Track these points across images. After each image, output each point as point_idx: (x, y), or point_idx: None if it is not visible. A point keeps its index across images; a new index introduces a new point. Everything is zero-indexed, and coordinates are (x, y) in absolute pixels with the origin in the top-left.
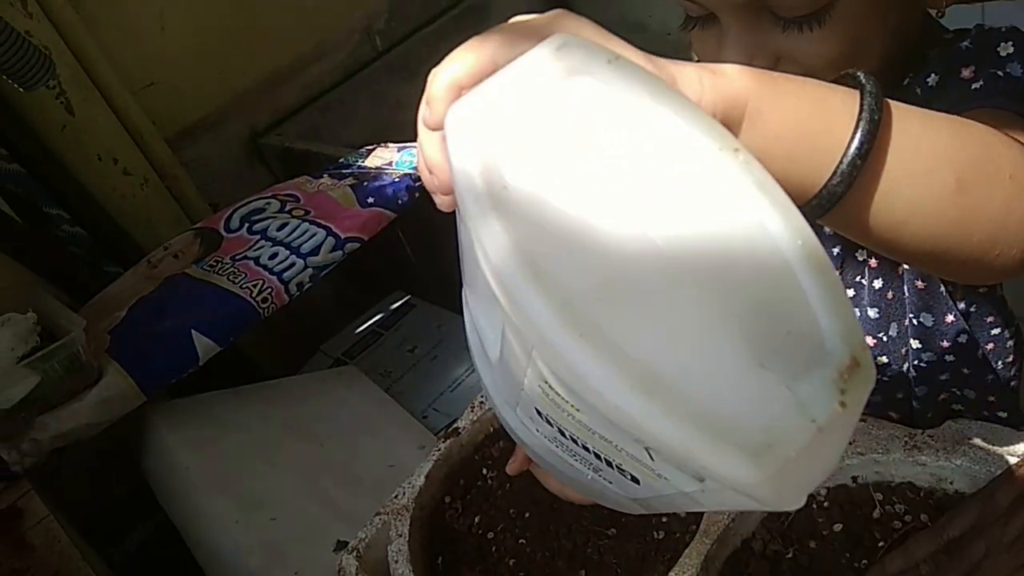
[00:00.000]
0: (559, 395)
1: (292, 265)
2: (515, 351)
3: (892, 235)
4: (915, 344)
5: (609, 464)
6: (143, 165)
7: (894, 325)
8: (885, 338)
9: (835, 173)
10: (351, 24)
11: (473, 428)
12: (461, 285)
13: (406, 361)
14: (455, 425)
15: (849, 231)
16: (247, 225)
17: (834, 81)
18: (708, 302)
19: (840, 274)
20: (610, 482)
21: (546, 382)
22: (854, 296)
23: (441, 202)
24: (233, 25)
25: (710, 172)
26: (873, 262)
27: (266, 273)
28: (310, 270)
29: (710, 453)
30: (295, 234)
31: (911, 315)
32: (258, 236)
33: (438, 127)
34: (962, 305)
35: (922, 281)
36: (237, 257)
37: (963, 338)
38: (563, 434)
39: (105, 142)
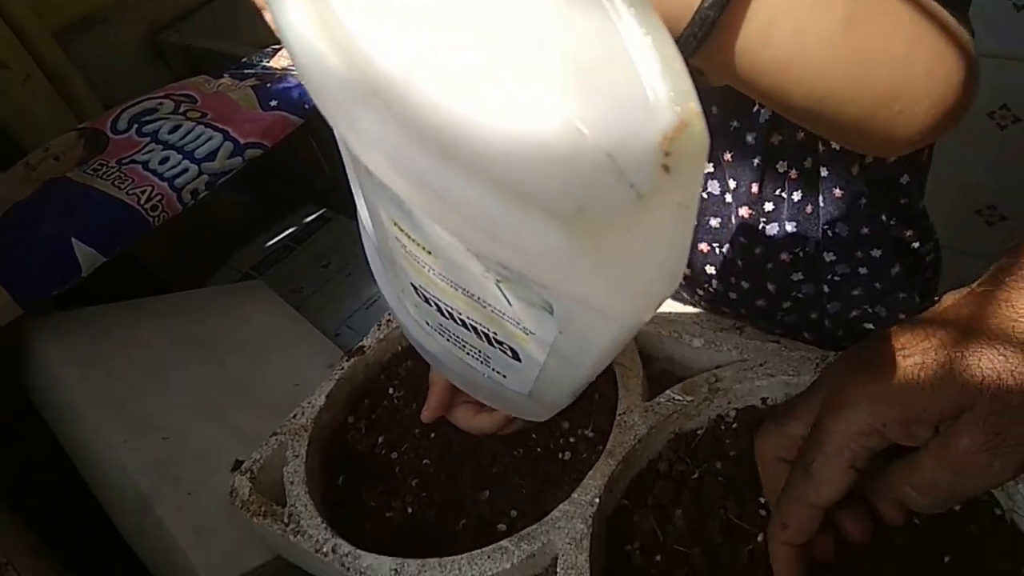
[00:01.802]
0: (408, 237)
1: (185, 171)
2: (374, 207)
3: (777, 79)
4: (829, 257)
5: (489, 340)
6: (24, 59)
7: (811, 240)
8: (802, 254)
9: None
10: None
11: (379, 347)
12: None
13: (319, 277)
14: (360, 344)
15: (732, 75)
16: (136, 127)
17: None
18: (519, 56)
19: (760, 187)
20: (503, 375)
21: (395, 224)
22: (773, 210)
23: None
24: None
25: None
26: (793, 173)
27: (155, 179)
28: (205, 176)
29: (513, 217)
30: (189, 138)
31: (826, 227)
32: (148, 139)
33: None
34: (883, 217)
35: (840, 189)
36: (124, 161)
37: (877, 252)
38: (441, 312)
39: None
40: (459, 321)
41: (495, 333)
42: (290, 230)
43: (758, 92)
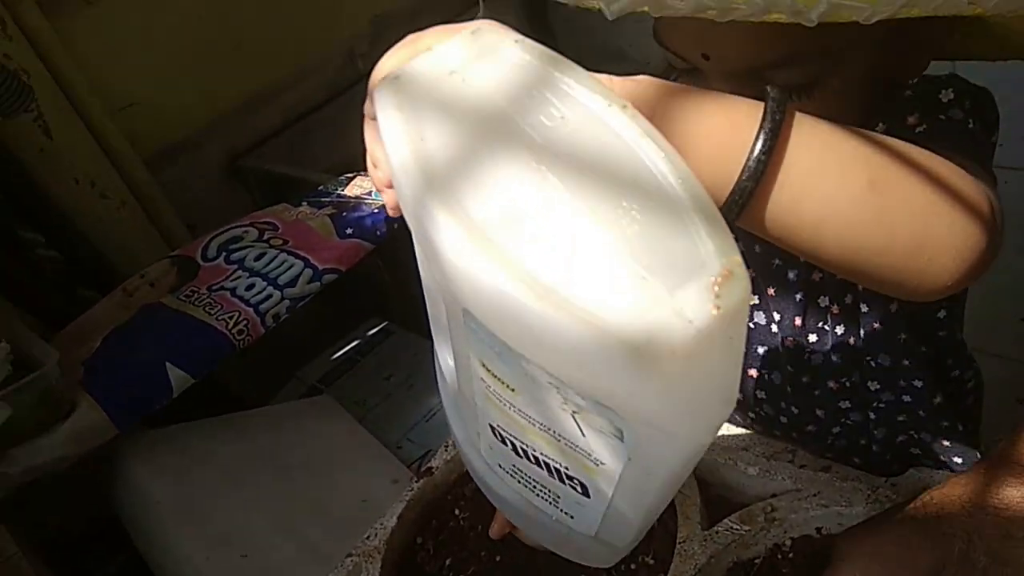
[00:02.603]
0: (494, 376)
1: (269, 297)
2: (462, 351)
3: (812, 236)
4: (874, 386)
5: (560, 477)
6: (120, 188)
7: (856, 370)
8: (848, 384)
9: (744, 169)
10: (334, 47)
11: (446, 468)
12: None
13: (382, 389)
14: (429, 464)
15: (771, 233)
16: (224, 254)
17: None
18: (601, 229)
19: (803, 320)
20: (571, 516)
21: (483, 365)
22: (817, 341)
23: (388, 200)
24: (216, 45)
25: (601, 124)
26: (835, 309)
27: (242, 305)
28: (287, 302)
29: (598, 349)
30: (272, 265)
31: (868, 358)
32: (235, 266)
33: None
34: (923, 349)
35: (879, 324)
36: (214, 288)
37: (919, 383)
38: (516, 452)
39: (83, 165)
40: (532, 459)
41: (567, 468)
42: (354, 343)
43: (793, 247)
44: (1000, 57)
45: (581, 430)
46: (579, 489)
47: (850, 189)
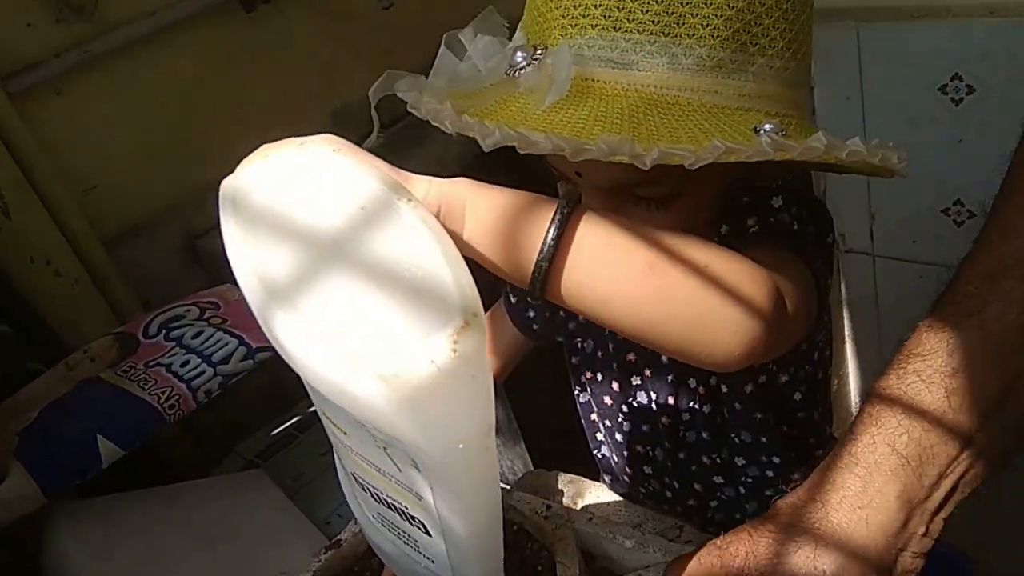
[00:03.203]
0: (334, 424)
1: (202, 373)
2: (321, 413)
3: (605, 308)
4: (740, 461)
5: (408, 519)
6: (76, 267)
7: (725, 447)
8: (719, 460)
9: (540, 251)
10: (292, 137)
11: (355, 540)
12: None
13: (318, 465)
14: (337, 537)
15: (571, 305)
16: (164, 332)
17: None
18: (379, 297)
19: (675, 399)
20: (431, 560)
21: (325, 415)
22: (689, 419)
23: None
24: (178, 134)
25: (393, 213)
26: (702, 389)
27: (176, 380)
28: (219, 378)
29: (362, 382)
30: (208, 342)
31: (733, 435)
32: (174, 343)
33: None
34: (783, 428)
35: (739, 404)
36: (151, 363)
37: (777, 459)
38: (375, 498)
39: (39, 245)
40: (385, 502)
41: (406, 507)
42: (295, 419)
43: (593, 318)
44: (845, 171)
45: (396, 464)
46: (423, 528)
47: (632, 269)
